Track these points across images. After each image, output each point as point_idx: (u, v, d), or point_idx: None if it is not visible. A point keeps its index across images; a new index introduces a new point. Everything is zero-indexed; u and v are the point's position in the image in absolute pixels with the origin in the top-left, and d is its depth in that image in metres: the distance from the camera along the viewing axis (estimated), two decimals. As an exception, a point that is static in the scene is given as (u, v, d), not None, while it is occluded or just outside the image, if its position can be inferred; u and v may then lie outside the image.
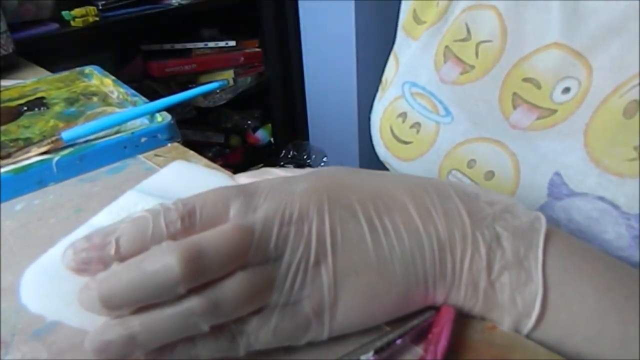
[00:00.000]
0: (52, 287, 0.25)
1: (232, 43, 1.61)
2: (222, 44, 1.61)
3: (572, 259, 0.27)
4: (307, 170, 0.31)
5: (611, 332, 0.25)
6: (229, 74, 1.66)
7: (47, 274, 0.25)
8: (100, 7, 1.27)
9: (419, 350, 0.27)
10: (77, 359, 0.27)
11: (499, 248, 0.26)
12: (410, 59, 0.46)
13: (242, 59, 1.65)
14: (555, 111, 0.36)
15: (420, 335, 0.27)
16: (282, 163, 1.72)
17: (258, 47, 1.67)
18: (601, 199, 0.32)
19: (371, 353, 0.25)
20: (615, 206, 0.32)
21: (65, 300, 0.24)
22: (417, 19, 0.47)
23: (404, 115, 0.45)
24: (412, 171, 0.45)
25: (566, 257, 0.27)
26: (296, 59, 1.67)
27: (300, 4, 1.58)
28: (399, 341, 0.26)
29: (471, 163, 0.40)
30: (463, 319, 0.28)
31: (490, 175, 0.39)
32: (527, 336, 0.27)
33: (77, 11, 1.21)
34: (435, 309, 0.28)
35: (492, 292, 0.26)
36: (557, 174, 0.34)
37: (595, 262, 0.27)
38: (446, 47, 0.43)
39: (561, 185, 0.34)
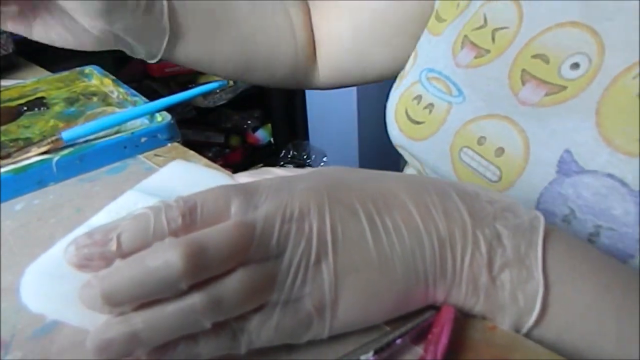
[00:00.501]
0: (52, 287, 0.25)
1: (232, 43, 1.61)
2: (222, 44, 1.60)
3: (571, 257, 0.27)
4: (307, 170, 0.31)
5: (608, 330, 0.25)
6: (229, 74, 1.65)
7: (48, 273, 0.25)
8: (100, 8, 1.27)
9: (419, 350, 0.27)
10: (77, 358, 0.27)
11: (500, 246, 0.26)
12: (431, 51, 0.47)
13: (242, 59, 1.65)
14: (564, 87, 0.36)
15: (420, 335, 0.27)
16: (282, 163, 1.72)
17: (258, 48, 1.67)
18: (610, 176, 0.32)
19: (371, 353, 0.25)
20: (624, 183, 0.32)
21: (65, 299, 0.24)
22: (439, 18, 0.48)
23: (419, 97, 0.46)
24: (424, 151, 0.45)
25: (565, 255, 0.27)
26: (296, 59, 1.67)
27: (300, 4, 1.57)
28: (399, 341, 0.26)
29: (481, 140, 0.40)
30: (463, 319, 0.28)
31: (500, 151, 0.39)
32: (527, 334, 0.27)
33: (77, 11, 1.21)
34: (436, 308, 0.28)
35: (493, 289, 0.26)
36: (568, 151, 0.35)
37: (594, 260, 0.28)
38: (464, 36, 0.44)
39: (571, 163, 0.34)
